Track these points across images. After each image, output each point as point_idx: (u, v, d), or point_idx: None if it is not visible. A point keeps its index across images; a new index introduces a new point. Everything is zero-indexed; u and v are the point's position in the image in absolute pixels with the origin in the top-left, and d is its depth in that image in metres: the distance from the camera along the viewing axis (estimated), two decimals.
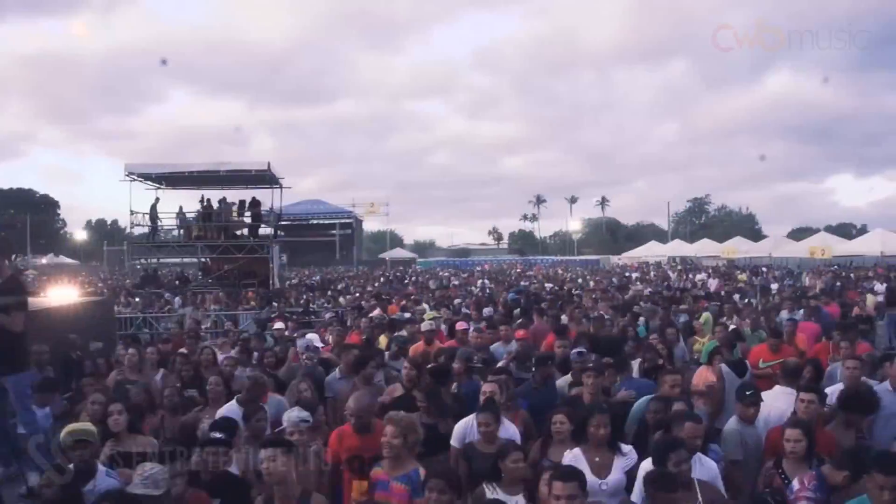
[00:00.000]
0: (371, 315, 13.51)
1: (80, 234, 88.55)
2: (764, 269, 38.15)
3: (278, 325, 12.55)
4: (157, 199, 26.31)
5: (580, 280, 30.57)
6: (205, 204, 26.16)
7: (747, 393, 5.92)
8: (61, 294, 15.43)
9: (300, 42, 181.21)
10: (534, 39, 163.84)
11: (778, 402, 6.40)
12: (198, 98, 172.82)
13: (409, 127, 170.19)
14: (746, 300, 15.82)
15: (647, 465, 4.83)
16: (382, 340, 10.74)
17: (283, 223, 60.24)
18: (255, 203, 26.22)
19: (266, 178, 25.59)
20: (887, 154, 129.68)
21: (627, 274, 37.36)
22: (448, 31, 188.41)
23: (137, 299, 21.89)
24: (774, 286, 25.66)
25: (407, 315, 13.33)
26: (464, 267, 58.67)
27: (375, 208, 66.10)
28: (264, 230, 27.25)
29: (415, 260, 76.09)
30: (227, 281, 25.12)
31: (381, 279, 37.05)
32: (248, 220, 26.53)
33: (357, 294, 21.89)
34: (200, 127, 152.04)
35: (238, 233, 26.65)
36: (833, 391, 6.46)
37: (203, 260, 28.16)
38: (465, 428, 5.83)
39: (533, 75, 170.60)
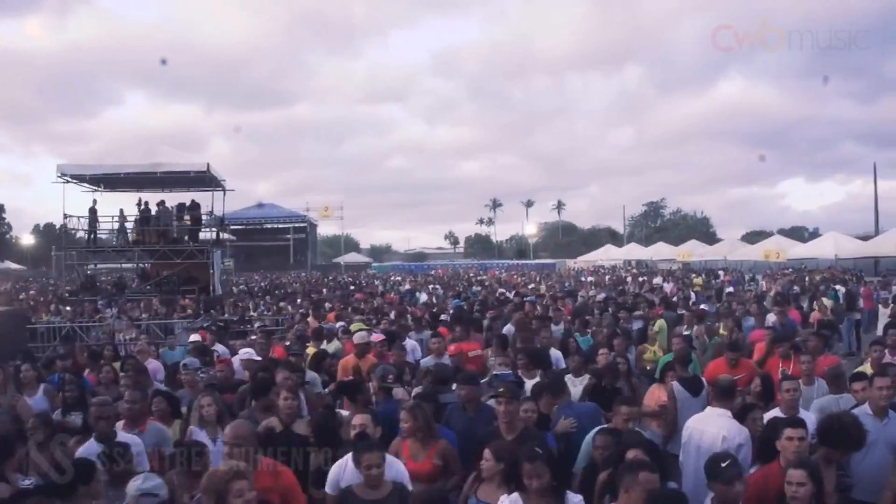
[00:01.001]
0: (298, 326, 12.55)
1: (27, 239, 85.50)
2: (721, 272, 38.09)
3: (193, 336, 11.22)
4: (95, 202, 25.25)
5: (532, 285, 29.72)
6: (142, 207, 25.07)
7: (722, 465, 4.33)
8: None
9: (257, 46, 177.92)
10: (491, 45, 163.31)
11: (709, 426, 5.54)
12: (153, 101, 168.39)
13: (366, 131, 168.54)
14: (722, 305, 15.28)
15: None
16: (311, 352, 9.76)
17: (236, 227, 59.79)
18: (194, 206, 25.15)
19: (206, 180, 24.49)
20: (837, 159, 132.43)
21: (582, 278, 36.71)
22: (406, 36, 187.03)
23: (68, 307, 20.68)
24: (730, 290, 25.25)
25: (339, 325, 12.26)
26: (419, 271, 57.82)
27: (329, 212, 65.07)
28: (205, 234, 26.18)
29: (369, 264, 75.17)
30: (167, 287, 24.01)
31: (330, 285, 35.85)
32: (187, 223, 25.40)
33: (299, 300, 20.82)
34: (155, 129, 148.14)
35: (185, 237, 25.58)
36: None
37: (141, 265, 27.08)
38: (339, 471, 4.91)
39: (490, 80, 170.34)
